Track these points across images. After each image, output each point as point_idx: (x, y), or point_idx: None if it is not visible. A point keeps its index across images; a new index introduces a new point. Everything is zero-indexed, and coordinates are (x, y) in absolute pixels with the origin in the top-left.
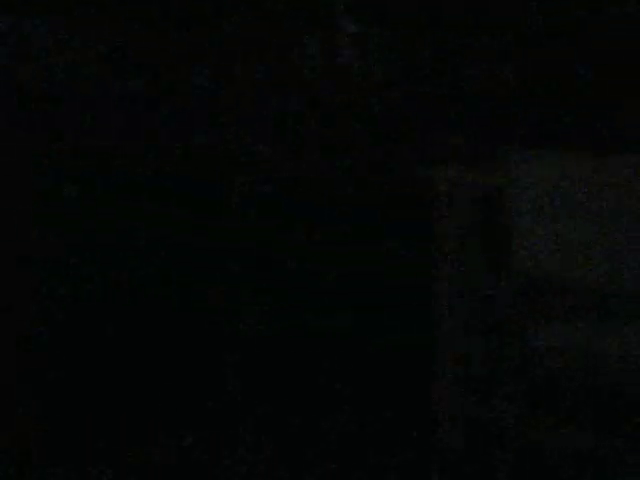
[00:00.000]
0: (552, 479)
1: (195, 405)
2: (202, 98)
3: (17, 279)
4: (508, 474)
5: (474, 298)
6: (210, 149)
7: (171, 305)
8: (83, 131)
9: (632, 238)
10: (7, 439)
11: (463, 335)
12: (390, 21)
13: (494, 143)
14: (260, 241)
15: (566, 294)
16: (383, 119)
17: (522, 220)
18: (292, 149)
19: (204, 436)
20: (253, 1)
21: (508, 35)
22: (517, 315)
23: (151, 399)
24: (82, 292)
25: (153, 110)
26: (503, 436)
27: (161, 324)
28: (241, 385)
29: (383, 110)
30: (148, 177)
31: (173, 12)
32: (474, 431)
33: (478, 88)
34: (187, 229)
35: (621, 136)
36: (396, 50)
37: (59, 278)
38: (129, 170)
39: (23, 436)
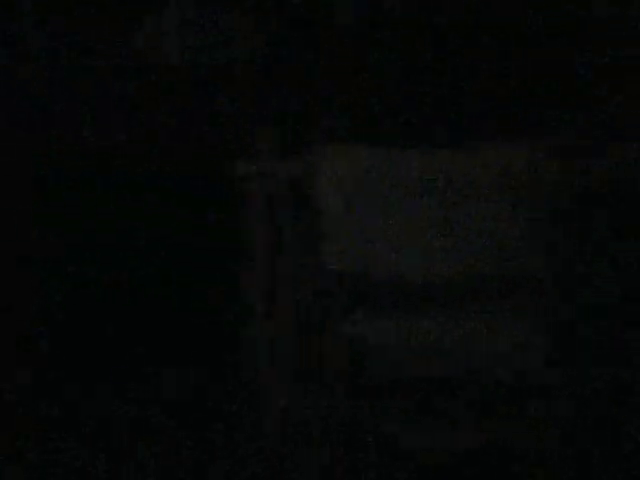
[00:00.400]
0: (370, 471)
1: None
2: None
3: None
4: (325, 469)
5: (287, 294)
6: None
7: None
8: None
9: (440, 231)
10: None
11: (279, 331)
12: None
13: (302, 136)
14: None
15: (375, 288)
16: (193, 111)
17: (332, 214)
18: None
19: None
20: None
21: None
22: (327, 310)
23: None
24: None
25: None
26: (322, 430)
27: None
28: None
29: (193, 102)
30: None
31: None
32: (293, 427)
33: (288, 81)
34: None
35: (431, 130)
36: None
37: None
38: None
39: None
